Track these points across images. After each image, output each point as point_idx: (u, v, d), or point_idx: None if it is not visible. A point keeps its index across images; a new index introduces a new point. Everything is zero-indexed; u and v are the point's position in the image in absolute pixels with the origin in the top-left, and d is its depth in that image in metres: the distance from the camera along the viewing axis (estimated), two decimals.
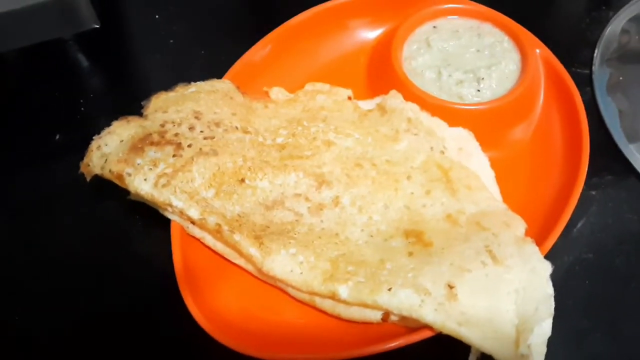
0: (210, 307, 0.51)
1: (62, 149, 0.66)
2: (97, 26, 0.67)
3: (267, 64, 0.67)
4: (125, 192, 0.55)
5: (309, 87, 0.66)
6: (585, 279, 0.56)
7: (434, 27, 0.68)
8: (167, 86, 0.61)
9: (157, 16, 0.77)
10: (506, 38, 0.66)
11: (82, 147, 0.56)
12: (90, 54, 0.73)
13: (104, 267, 0.58)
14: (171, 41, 0.75)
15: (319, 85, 0.66)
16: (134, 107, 0.59)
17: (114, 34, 0.75)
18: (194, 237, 0.54)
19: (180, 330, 0.50)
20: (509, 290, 0.48)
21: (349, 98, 0.65)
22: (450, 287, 0.47)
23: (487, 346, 0.45)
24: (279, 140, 0.60)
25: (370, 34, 0.71)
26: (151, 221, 0.56)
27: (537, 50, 0.65)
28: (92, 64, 0.73)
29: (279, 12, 0.69)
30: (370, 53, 0.70)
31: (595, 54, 0.71)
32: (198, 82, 0.62)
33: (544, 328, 0.46)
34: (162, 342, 0.54)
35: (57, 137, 0.66)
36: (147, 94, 0.60)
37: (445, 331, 0.46)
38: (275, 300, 0.53)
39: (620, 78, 0.68)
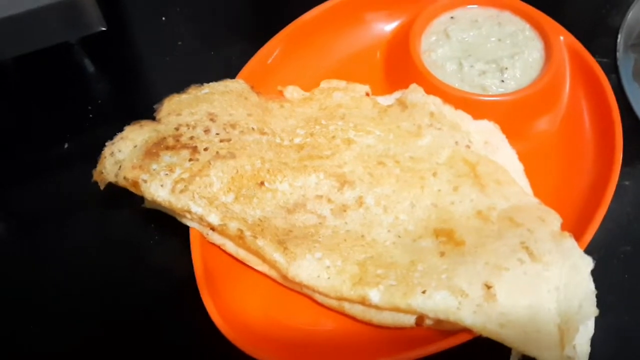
0: (233, 314, 0.49)
1: (71, 158, 0.64)
2: (104, 29, 0.65)
3: (280, 62, 0.65)
4: (140, 199, 0.53)
5: (324, 84, 0.64)
6: (625, 273, 0.55)
7: (452, 17, 0.66)
8: (177, 89, 0.60)
9: (163, 18, 0.76)
10: (527, 26, 0.64)
11: (92, 155, 0.54)
12: (96, 58, 0.71)
13: (122, 278, 0.56)
14: (179, 43, 0.73)
15: (335, 82, 0.64)
16: (144, 112, 0.58)
17: (120, 37, 0.74)
18: (214, 244, 0.52)
19: (202, 338, 0.50)
20: (549, 287, 0.46)
21: (367, 94, 0.63)
22: (488, 287, 0.45)
23: (530, 348, 0.43)
24: (297, 140, 0.58)
25: (386, 27, 0.69)
26: (168, 229, 0.55)
27: (561, 37, 0.63)
28: (99, 69, 0.71)
29: (289, 9, 0.67)
30: (386, 47, 0.68)
31: (618, 40, 0.69)
32: (211, 83, 0.60)
33: (588, 327, 0.44)
34: (182, 350, 0.52)
35: (66, 145, 0.64)
36: (157, 98, 0.58)
37: (486, 334, 0.44)
38: (301, 306, 0.51)
39: None
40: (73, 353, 0.53)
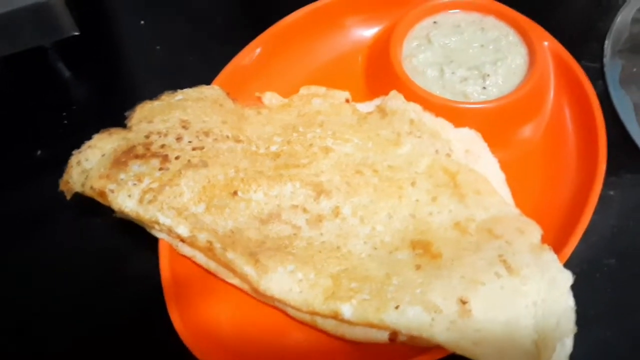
0: (202, 328, 0.48)
1: (44, 165, 0.62)
2: (77, 33, 0.63)
3: (258, 68, 0.64)
4: (111, 209, 0.51)
5: (303, 90, 0.63)
6: (608, 287, 0.53)
7: (434, 22, 0.64)
8: (154, 94, 0.58)
9: (142, 21, 0.74)
10: (511, 31, 0.62)
11: (65, 162, 0.53)
12: (72, 63, 0.70)
13: (90, 289, 0.55)
14: (157, 47, 0.72)
15: (314, 89, 0.63)
16: (120, 118, 0.56)
17: (97, 41, 0.72)
18: (184, 256, 0.50)
19: (170, 354, 0.48)
20: (527, 303, 0.44)
21: (347, 101, 0.62)
22: (463, 302, 0.44)
23: None
24: (273, 148, 0.57)
25: (367, 32, 0.68)
26: (139, 239, 0.53)
27: (545, 43, 0.62)
28: (74, 74, 0.70)
29: (269, 13, 0.66)
30: (367, 52, 0.67)
31: (605, 46, 0.68)
32: (185, 89, 0.59)
33: (566, 344, 0.43)
34: None
35: (39, 152, 0.63)
36: (134, 104, 0.57)
37: (459, 351, 0.42)
38: (273, 320, 0.50)
39: (634, 70, 0.65)
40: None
